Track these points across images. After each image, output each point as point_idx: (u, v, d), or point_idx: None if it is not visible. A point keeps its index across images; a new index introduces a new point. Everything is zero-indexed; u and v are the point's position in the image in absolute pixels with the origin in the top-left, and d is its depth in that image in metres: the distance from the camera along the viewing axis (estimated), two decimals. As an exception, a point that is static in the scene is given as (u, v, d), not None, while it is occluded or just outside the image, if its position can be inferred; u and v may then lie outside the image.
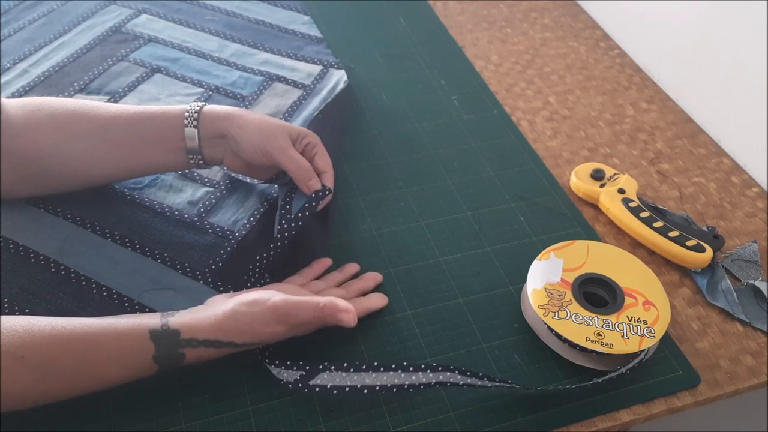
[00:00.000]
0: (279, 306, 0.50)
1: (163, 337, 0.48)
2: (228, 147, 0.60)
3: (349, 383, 0.50)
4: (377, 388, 0.50)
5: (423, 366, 0.51)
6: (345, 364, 0.50)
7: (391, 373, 0.50)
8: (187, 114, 0.59)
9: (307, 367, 0.50)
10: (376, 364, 0.51)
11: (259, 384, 0.52)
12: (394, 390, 0.50)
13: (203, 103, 0.61)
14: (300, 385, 0.50)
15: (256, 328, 0.49)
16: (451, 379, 0.50)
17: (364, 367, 0.51)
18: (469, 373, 0.51)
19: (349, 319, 0.50)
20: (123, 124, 0.59)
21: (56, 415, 0.49)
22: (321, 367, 0.50)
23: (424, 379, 0.50)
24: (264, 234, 0.63)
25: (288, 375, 0.50)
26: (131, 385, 0.50)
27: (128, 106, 0.61)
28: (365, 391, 0.49)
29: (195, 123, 0.59)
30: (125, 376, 0.48)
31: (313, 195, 0.59)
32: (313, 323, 0.52)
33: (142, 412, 0.50)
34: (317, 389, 0.49)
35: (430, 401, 0.52)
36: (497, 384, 0.51)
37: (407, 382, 0.50)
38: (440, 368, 0.51)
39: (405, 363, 0.50)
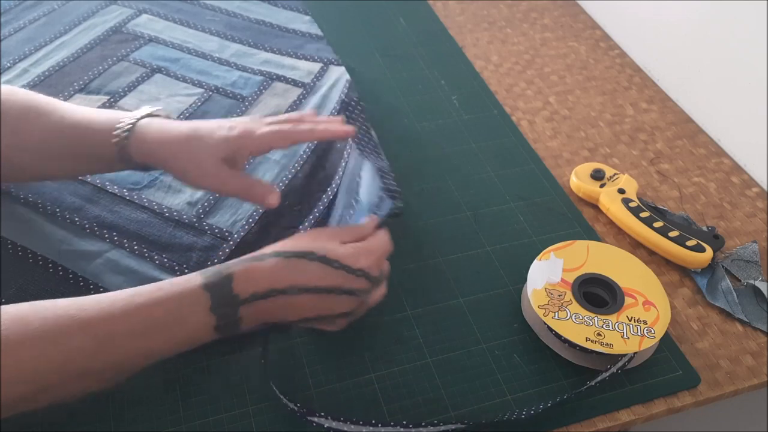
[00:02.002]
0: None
1: (217, 282, 0.46)
2: None
3: (345, 429, 0.49)
4: None
5: (423, 423, 0.50)
6: (341, 418, 0.49)
7: (390, 428, 0.49)
8: (116, 140, 0.55)
9: (305, 410, 0.50)
10: (373, 421, 0.50)
11: (259, 384, 0.52)
12: None
13: (134, 121, 0.55)
14: (298, 414, 0.50)
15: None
16: None
17: (361, 422, 0.49)
18: (471, 423, 0.50)
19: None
20: (60, 138, 0.56)
21: (56, 415, 0.49)
22: (317, 415, 0.49)
23: None
24: (263, 235, 0.63)
25: (291, 405, 0.50)
26: (131, 385, 0.50)
27: (73, 112, 0.57)
28: None
29: (126, 154, 0.55)
30: (185, 338, 0.46)
31: (387, 212, 0.57)
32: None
33: (142, 412, 0.50)
34: (314, 424, 0.49)
35: (430, 401, 0.52)
36: None
37: None
38: (441, 424, 0.50)
39: (404, 422, 0.50)
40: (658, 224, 0.64)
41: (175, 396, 0.51)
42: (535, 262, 0.59)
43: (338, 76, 0.80)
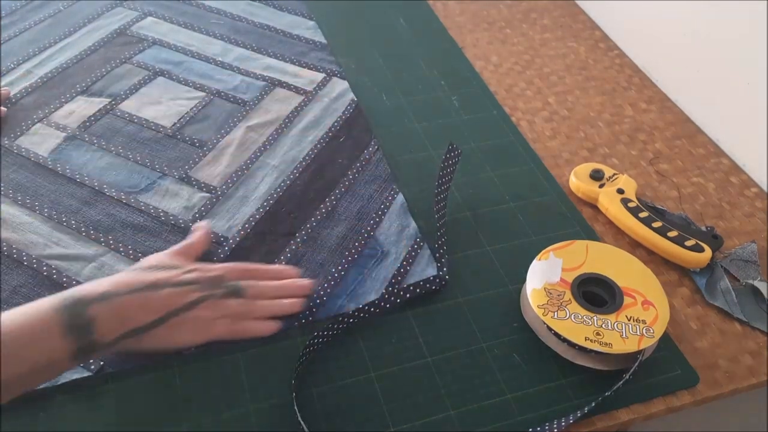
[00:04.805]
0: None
1: (68, 306, 0.46)
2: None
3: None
4: None
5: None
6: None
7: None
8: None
9: None
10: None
11: (259, 384, 0.53)
12: None
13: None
14: None
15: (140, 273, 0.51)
16: None
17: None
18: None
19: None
20: None
21: (56, 415, 0.50)
22: None
23: None
24: (258, 241, 0.63)
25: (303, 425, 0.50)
26: (131, 384, 0.51)
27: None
28: None
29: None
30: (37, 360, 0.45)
31: (429, 281, 0.60)
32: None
33: (143, 412, 0.51)
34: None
35: (430, 400, 0.53)
36: None
37: None
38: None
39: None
40: (657, 224, 0.65)
41: (176, 396, 0.52)
42: (535, 261, 0.59)
43: (342, 90, 0.80)
